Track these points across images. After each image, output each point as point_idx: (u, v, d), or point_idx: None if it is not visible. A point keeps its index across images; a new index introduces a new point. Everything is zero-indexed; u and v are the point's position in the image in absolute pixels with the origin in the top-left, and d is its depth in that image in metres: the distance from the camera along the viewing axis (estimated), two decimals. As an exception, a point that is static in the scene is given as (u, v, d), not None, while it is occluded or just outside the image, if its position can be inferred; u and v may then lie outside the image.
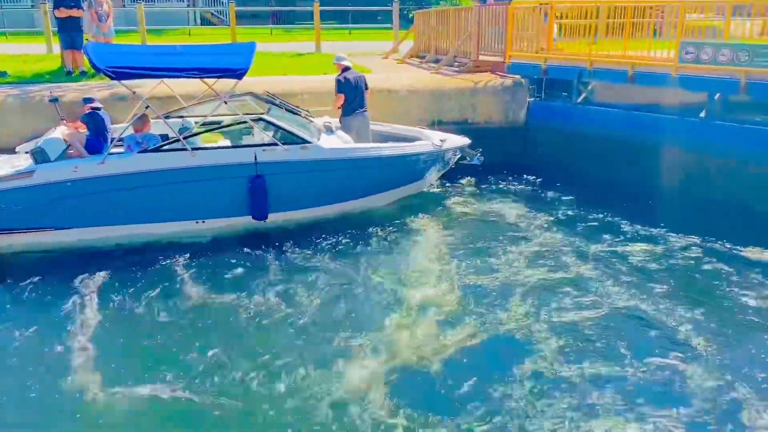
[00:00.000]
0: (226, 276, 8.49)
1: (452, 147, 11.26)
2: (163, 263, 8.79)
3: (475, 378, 6.23)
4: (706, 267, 8.80)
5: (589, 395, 6.02)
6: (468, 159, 11.75)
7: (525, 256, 9.15)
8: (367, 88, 11.06)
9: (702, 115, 11.52)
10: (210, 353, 6.72)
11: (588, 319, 7.38)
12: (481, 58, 15.15)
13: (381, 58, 19.01)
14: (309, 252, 9.19)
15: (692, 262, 8.98)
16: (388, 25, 24.65)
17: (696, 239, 9.64)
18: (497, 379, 6.25)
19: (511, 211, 11.05)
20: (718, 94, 11.32)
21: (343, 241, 9.58)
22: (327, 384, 6.17)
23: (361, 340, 6.96)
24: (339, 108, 10.90)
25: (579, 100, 13.33)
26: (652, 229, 10.08)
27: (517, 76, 13.83)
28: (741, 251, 9.23)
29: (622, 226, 10.32)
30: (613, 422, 5.64)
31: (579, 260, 9.00)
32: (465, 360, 6.62)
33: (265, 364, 6.53)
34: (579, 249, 9.41)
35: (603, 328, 7.18)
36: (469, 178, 12.64)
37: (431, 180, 11.59)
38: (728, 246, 9.37)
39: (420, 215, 10.72)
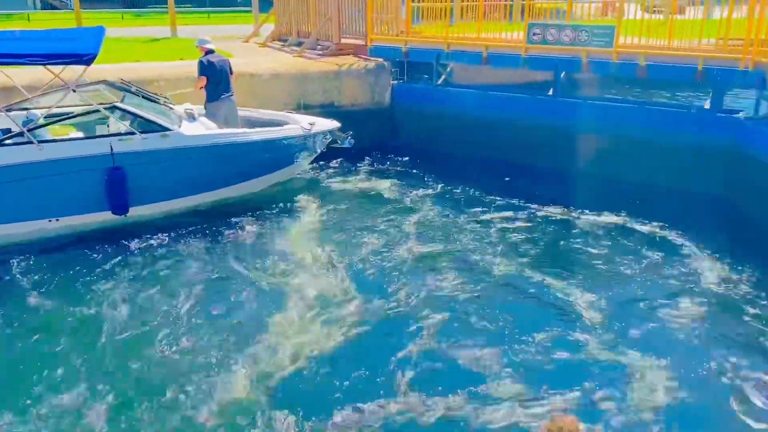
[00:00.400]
0: (82, 279, 7.79)
1: (322, 130, 11.25)
2: (12, 268, 8.03)
3: (361, 366, 6.10)
4: (567, 233, 9.48)
5: (477, 372, 6.06)
6: (339, 142, 11.83)
7: (402, 233, 9.36)
8: (231, 73, 10.79)
9: (550, 93, 12.38)
10: (59, 373, 5.96)
11: (469, 292, 7.63)
12: (343, 41, 15.23)
13: (242, 42, 18.57)
14: (176, 246, 8.77)
15: (554, 228, 9.64)
16: (248, 8, 24.08)
17: (555, 209, 10.30)
18: (382, 364, 6.16)
19: (383, 191, 11.29)
20: (563, 73, 12.19)
21: (213, 231, 9.27)
22: (204, 389, 5.79)
23: (241, 337, 6.64)
24: (201, 89, 10.53)
25: (439, 81, 13.81)
26: (512, 201, 10.68)
27: (380, 59, 14.06)
28: (596, 217, 9.95)
29: (487, 199, 10.84)
30: (505, 398, 5.69)
31: (454, 234, 9.35)
32: (349, 347, 6.45)
33: (131, 382, 5.92)
34: (452, 223, 9.79)
35: (485, 302, 7.41)
36: (339, 160, 12.75)
37: (302, 164, 11.55)
38: (584, 213, 10.08)
39: (293, 200, 10.66)
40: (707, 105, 11.16)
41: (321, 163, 12.44)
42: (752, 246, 8.74)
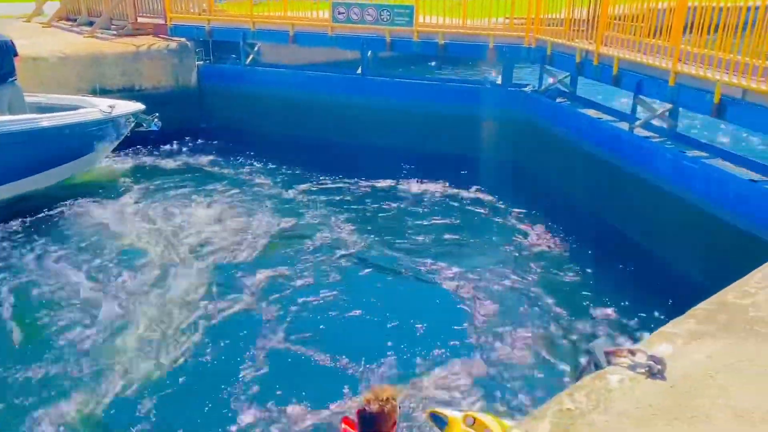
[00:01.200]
0: None
1: (124, 113, 10.46)
2: None
3: (210, 373, 5.86)
4: (393, 202, 9.98)
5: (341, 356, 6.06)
6: (144, 125, 11.05)
7: (228, 217, 9.11)
8: (16, 54, 9.58)
9: (358, 71, 12.63)
10: None
11: (308, 263, 7.77)
12: (140, 20, 14.24)
13: (22, 22, 16.61)
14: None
15: (379, 198, 10.09)
16: (28, -16, 21.54)
17: (374, 182, 10.73)
18: (225, 360, 5.98)
19: (195, 174, 10.88)
20: (369, 52, 12.49)
21: (4, 232, 8.32)
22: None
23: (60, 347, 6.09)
24: None
25: (248, 61, 13.47)
26: (334, 176, 10.91)
27: (183, 39, 13.37)
28: (417, 186, 10.63)
29: (307, 176, 10.98)
30: (339, 372, 5.80)
31: (280, 210, 9.40)
32: (191, 347, 6.19)
33: None
34: (281, 200, 9.82)
35: (321, 274, 7.55)
36: (146, 146, 12.02)
37: (104, 152, 10.70)
38: (405, 183, 10.73)
39: (96, 192, 9.84)
40: (500, 80, 12.09)
41: (127, 149, 11.65)
42: (541, 201, 9.88)
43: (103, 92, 11.95)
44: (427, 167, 11.27)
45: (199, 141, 12.74)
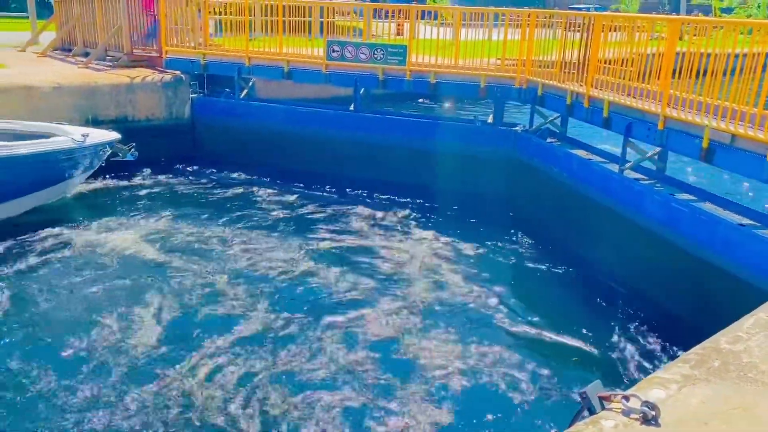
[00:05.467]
0: None
1: (98, 143, 10.28)
2: None
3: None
4: (379, 230, 10.08)
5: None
6: (120, 155, 10.86)
7: (210, 247, 9.07)
8: None
9: (351, 108, 12.75)
10: None
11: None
12: (135, 52, 14.35)
13: (17, 51, 16.72)
14: None
15: (361, 225, 10.17)
16: (24, 14, 21.77)
17: (360, 210, 10.93)
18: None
19: (179, 206, 10.78)
20: (362, 89, 12.62)
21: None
22: None
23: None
24: None
25: (242, 95, 13.56)
26: (326, 209, 10.97)
27: (177, 72, 13.46)
28: (402, 217, 10.59)
29: (295, 208, 11.01)
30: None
31: (271, 246, 9.36)
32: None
33: None
34: (269, 233, 9.79)
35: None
36: (133, 176, 11.94)
37: (77, 181, 10.53)
38: (393, 214, 10.72)
39: (66, 224, 9.58)
40: (490, 119, 12.22)
41: (110, 178, 11.58)
42: (530, 240, 9.92)
43: (96, 122, 11.95)
44: (418, 203, 11.38)
45: (190, 172, 12.71)
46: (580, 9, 31.42)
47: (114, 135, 10.75)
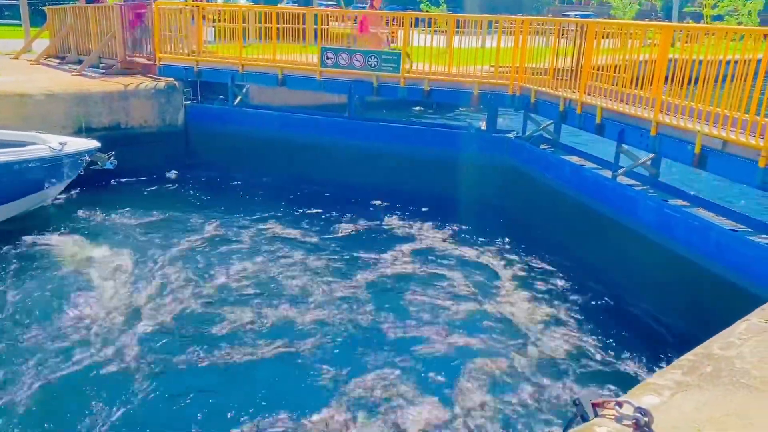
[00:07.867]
0: None
1: (75, 151, 10.12)
2: None
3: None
4: (374, 236, 10.00)
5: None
6: (99, 164, 10.70)
7: (203, 256, 9.01)
8: None
9: (346, 115, 12.75)
10: None
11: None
12: (129, 59, 14.34)
13: (10, 59, 16.68)
14: None
15: (361, 232, 9.95)
16: (17, 22, 21.74)
17: (356, 216, 10.93)
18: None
19: (171, 213, 10.70)
20: (357, 96, 12.63)
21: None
22: None
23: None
24: None
25: (236, 102, 13.55)
26: (320, 216, 10.88)
27: (171, 79, 13.45)
28: (398, 223, 10.64)
29: (288, 214, 10.95)
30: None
31: (265, 250, 9.28)
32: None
33: None
34: (262, 239, 9.68)
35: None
36: (106, 184, 11.81)
37: (55, 191, 10.38)
38: (389, 221, 10.70)
39: (44, 234, 9.40)
40: (483, 125, 12.24)
41: (97, 185, 11.48)
42: (523, 246, 9.88)
43: (89, 130, 11.92)
44: (411, 210, 11.37)
45: (183, 179, 12.68)
46: (568, 16, 31.56)
47: (93, 143, 10.60)
